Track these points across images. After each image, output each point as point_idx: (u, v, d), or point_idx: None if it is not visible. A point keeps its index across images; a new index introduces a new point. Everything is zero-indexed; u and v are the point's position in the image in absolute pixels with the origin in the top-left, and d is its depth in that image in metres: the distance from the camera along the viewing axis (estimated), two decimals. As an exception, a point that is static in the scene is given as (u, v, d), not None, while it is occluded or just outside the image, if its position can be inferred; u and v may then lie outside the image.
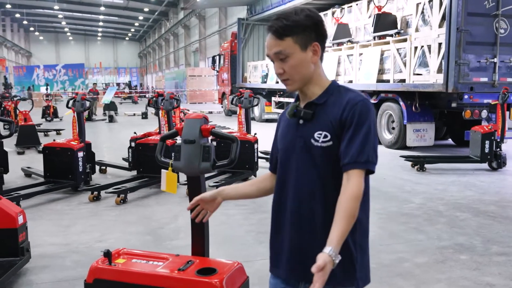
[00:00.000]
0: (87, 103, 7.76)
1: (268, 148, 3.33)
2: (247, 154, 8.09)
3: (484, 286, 4.04)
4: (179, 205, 6.78)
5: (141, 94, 41.48)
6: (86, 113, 8.39)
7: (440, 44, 10.10)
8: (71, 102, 7.80)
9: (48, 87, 36.50)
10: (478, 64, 9.98)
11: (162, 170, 2.75)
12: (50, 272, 4.39)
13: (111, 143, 13.44)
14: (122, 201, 6.81)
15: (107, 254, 2.50)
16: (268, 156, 3.03)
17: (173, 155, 2.60)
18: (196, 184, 2.63)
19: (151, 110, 24.45)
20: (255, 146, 8.22)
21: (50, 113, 20.15)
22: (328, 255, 1.68)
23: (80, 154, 7.38)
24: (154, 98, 8.83)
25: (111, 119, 19.87)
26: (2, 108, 13.84)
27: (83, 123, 7.74)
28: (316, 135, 1.88)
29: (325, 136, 1.87)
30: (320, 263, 1.65)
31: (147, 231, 5.52)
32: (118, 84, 55.09)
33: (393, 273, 4.31)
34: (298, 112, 1.92)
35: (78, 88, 47.29)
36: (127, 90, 44.19)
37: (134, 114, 23.97)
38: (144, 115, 22.14)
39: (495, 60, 9.99)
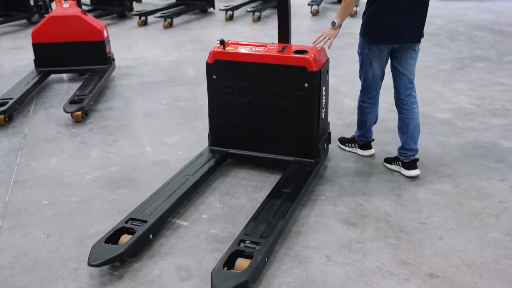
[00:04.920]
0: None
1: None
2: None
3: (497, 84, 4.90)
4: (221, 29, 7.46)
5: None
6: None
7: None
8: None
9: None
10: None
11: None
12: (134, 77, 5.25)
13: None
14: (169, 25, 7.46)
15: (222, 42, 3.25)
16: None
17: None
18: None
19: None
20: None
21: None
22: (329, 26, 3.06)
23: (125, -19, 7.83)
24: None
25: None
26: None
27: (123, -49, 8.02)
28: None
29: None
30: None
31: (201, 48, 6.26)
32: None
33: (421, 76, 5.10)
34: None
35: None
36: None
37: None
38: None
39: None
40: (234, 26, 7.60)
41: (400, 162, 3.25)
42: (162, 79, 5.20)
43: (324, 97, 3.15)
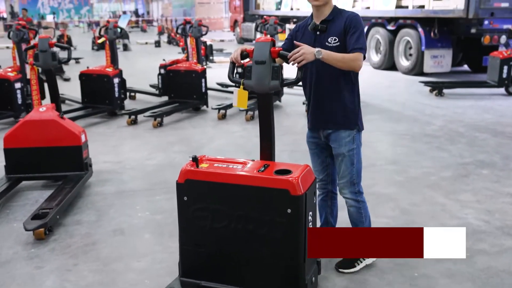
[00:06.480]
0: (119, 31, 7.99)
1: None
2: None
3: (506, 195, 4.49)
4: (213, 128, 7.20)
5: (148, 23, 41.06)
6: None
7: (462, -32, 10.07)
8: (103, 29, 8.03)
9: (55, 15, 36.18)
10: (499, -11, 10.00)
11: (234, 88, 3.08)
12: (112, 185, 4.87)
13: (132, 70, 13.68)
14: (159, 124, 7.22)
15: (195, 159, 2.88)
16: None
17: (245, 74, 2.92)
18: (266, 100, 2.97)
19: (163, 39, 24.51)
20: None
21: (64, 42, 20.17)
22: (313, 49, 2.72)
23: (116, 80, 7.72)
24: (182, 25, 9.00)
25: (126, 48, 19.95)
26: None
27: (116, 50, 8.01)
28: (329, 39, 2.95)
29: (335, 40, 2.94)
30: (301, 46, 2.74)
31: (189, 150, 5.93)
32: (124, 12, 54.23)
33: (422, 185, 4.75)
34: (317, 27, 2.99)
35: (84, 17, 46.63)
36: (134, 18, 43.71)
37: (146, 43, 23.96)
38: (157, 44, 22.18)
39: (517, -16, 10.00)
40: (227, 125, 7.36)
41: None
42: (141, 186, 4.81)
43: (311, 223, 2.74)
